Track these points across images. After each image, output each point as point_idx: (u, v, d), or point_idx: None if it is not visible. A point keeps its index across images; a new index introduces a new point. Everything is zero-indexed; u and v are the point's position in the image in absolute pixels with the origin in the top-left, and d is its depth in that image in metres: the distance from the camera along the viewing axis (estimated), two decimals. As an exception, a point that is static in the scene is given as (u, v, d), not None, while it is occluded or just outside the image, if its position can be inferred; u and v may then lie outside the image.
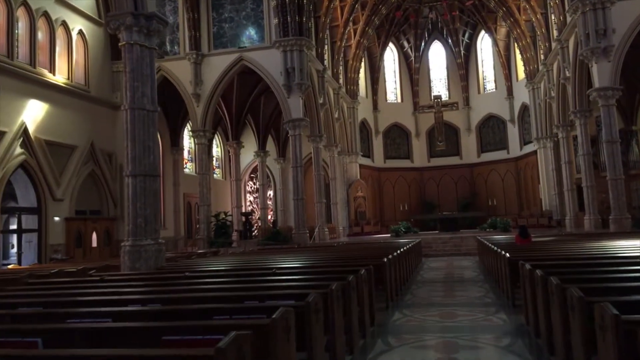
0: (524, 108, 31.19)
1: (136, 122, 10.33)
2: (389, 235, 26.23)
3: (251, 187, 33.82)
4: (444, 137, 30.26)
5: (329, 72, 27.53)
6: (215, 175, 32.08)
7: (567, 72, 22.09)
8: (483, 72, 35.36)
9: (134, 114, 10.33)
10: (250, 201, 33.99)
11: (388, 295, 8.33)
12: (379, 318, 7.43)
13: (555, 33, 23.65)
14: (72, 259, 18.50)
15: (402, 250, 11.66)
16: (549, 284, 4.85)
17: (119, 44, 10.97)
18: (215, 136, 31.81)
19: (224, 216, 22.09)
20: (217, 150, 32.83)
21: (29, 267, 14.39)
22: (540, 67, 27.13)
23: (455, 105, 30.20)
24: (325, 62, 26.30)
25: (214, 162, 32.38)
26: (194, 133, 22.32)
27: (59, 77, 19.71)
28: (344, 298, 5.31)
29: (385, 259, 8.44)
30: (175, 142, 26.78)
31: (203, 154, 22.40)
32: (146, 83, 10.46)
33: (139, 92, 10.37)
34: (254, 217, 33.10)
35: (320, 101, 24.78)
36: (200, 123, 22.13)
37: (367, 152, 33.56)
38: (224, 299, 5.03)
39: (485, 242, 13.86)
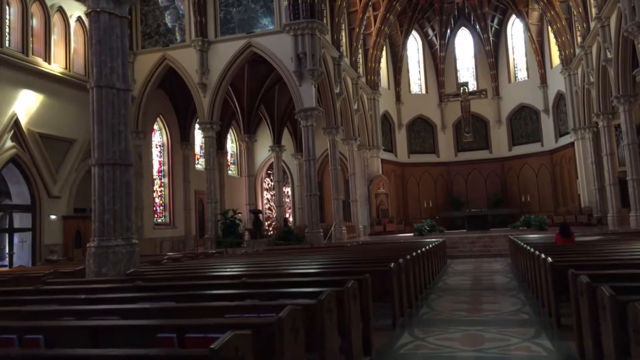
0: (559, 97, 28.87)
1: (104, 102, 8.85)
2: (412, 234, 24.35)
3: (268, 184, 32.33)
4: (472, 128, 28.15)
5: (347, 61, 25.81)
6: (229, 172, 30.69)
7: (608, 53, 19.92)
8: (514, 59, 33.08)
9: (101, 93, 8.85)
10: (267, 199, 32.50)
11: (395, 310, 6.60)
12: (381, 341, 5.74)
13: (594, 11, 21.43)
14: (71, 260, 17.28)
15: (419, 252, 9.90)
16: (630, 310, 3.09)
17: (85, 12, 9.48)
18: (230, 131, 30.44)
19: (232, 214, 20.59)
20: (232, 145, 31.44)
21: (16, 270, 13.13)
22: (577, 51, 24.90)
23: (484, 92, 28.03)
24: (342, 50, 24.58)
25: (229, 157, 30.99)
26: (201, 125, 20.88)
27: (55, 67, 18.53)
28: (313, 325, 3.67)
29: (393, 264, 6.72)
30: (186, 137, 25.45)
31: (211, 147, 20.95)
32: (116, 57, 8.97)
33: (107, 67, 8.88)
34: (264, 215, 31.68)
35: (337, 91, 23.08)
36: (207, 115, 20.69)
37: (390, 147, 31.71)
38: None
39: (519, 242, 11.96)
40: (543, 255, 7.11)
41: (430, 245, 12.59)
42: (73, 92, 19.07)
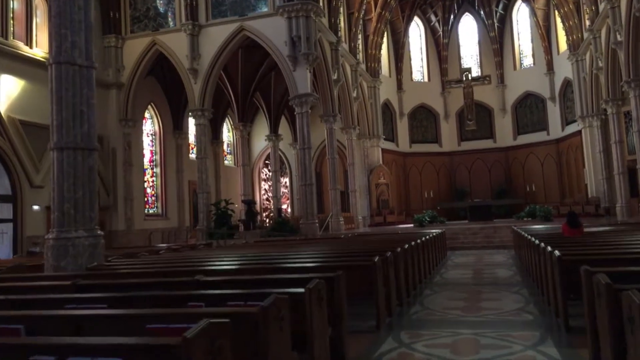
0: (566, 84, 27.86)
1: (63, 80, 8.02)
2: (413, 225, 23.50)
3: (266, 175, 31.51)
4: (475, 116, 27.15)
5: (345, 46, 24.88)
6: (226, 162, 29.89)
7: (618, 36, 18.93)
8: (519, 46, 32.01)
9: (61, 70, 8.03)
10: (265, 189, 31.72)
11: (380, 310, 5.77)
12: (358, 349, 4.92)
13: (604, -9, 20.41)
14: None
15: (414, 243, 9.07)
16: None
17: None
18: (227, 120, 29.63)
19: (225, 205, 19.80)
20: (228, 135, 30.61)
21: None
22: (586, 35, 23.87)
23: (488, 78, 27.03)
24: (340, 35, 23.65)
25: (225, 147, 30.17)
26: (192, 113, 20.05)
27: (38, 51, 17.69)
28: (253, 339, 2.85)
29: (377, 258, 5.89)
30: (178, 125, 24.62)
31: (202, 135, 20.14)
32: (78, 31, 8.13)
33: (68, 41, 8.05)
34: (262, 206, 30.92)
35: (334, 77, 22.19)
36: (198, 101, 19.85)
37: (391, 136, 30.79)
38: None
39: (523, 233, 11.10)
40: (549, 248, 6.27)
41: (428, 237, 11.76)
42: (57, 77, 18.23)
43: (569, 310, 5.58)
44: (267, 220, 28.69)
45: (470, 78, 26.42)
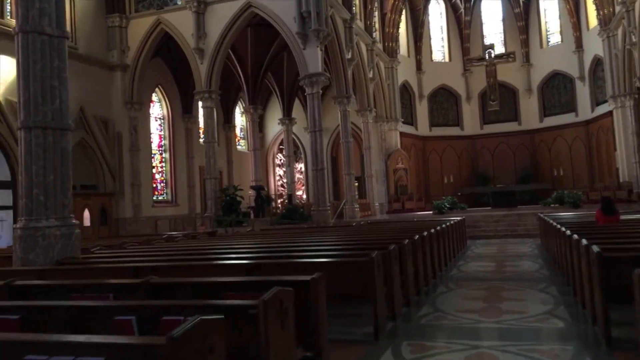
0: (597, 62, 26.17)
1: (30, 51, 7.18)
2: (432, 212, 22.39)
3: (280, 160, 30.64)
4: (498, 96, 25.75)
5: (360, 24, 23.69)
6: (239, 147, 29.09)
7: (656, 7, 17.40)
8: (546, 22, 30.28)
9: (27, 39, 7.18)
10: (279, 175, 30.88)
11: (378, 316, 4.81)
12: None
13: (639, -41, 18.81)
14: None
15: (428, 233, 8.07)
16: None
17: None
18: (240, 103, 28.74)
19: (233, 191, 18.99)
20: (241, 119, 29.75)
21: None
22: (618, 9, 22.22)
23: (512, 55, 25.50)
24: (355, 12, 22.46)
25: (238, 131, 29.36)
26: (199, 95, 19.19)
27: (37, 31, 16.95)
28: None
29: (376, 253, 4.91)
30: (188, 109, 23.82)
31: (209, 118, 19.28)
32: (47, -4, 7.25)
33: (35, 8, 7.18)
34: (277, 193, 30.11)
35: (348, 56, 21.06)
36: (205, 83, 18.97)
37: (410, 119, 29.56)
38: None
39: (551, 222, 9.97)
40: (585, 242, 5.21)
41: (446, 225, 10.74)
42: (58, 59, 17.52)
43: (611, 316, 4.55)
44: (281, 207, 27.87)
45: (493, 55, 24.96)
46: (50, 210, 7.16)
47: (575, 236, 6.00)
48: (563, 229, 7.55)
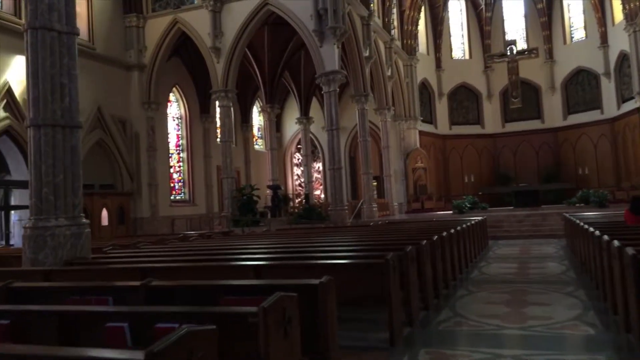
0: (622, 57, 25.43)
1: (40, 48, 7.06)
2: (452, 212, 21.94)
3: (298, 160, 30.44)
4: (520, 93, 25.15)
5: (378, 21, 23.36)
6: (256, 147, 28.98)
7: (687, -2, 16.72)
8: (570, 18, 29.53)
9: (37, 36, 7.06)
10: (297, 175, 30.69)
11: (393, 324, 4.52)
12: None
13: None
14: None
15: (445, 234, 7.75)
16: None
17: None
18: (257, 103, 28.61)
19: (250, 190, 18.83)
20: (259, 119, 29.62)
21: None
22: (646, 2, 21.51)
23: (535, 51, 24.85)
24: (372, 9, 22.13)
25: (256, 131, 29.25)
26: (215, 94, 19.08)
27: (55, 32, 17.01)
28: None
29: (391, 255, 4.63)
30: (206, 109, 23.75)
31: (226, 118, 19.15)
32: (55, -9, 7.13)
33: (44, 4, 7.06)
34: (295, 192, 29.92)
35: (366, 54, 20.75)
36: (221, 82, 18.85)
37: (429, 118, 29.12)
38: None
39: (578, 221, 9.54)
40: (617, 243, 4.85)
41: (466, 225, 10.39)
42: (76, 59, 17.56)
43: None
44: (299, 207, 27.67)
45: (515, 51, 24.38)
46: (60, 210, 7.03)
47: (606, 237, 5.64)
48: (592, 229, 7.16)
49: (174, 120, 22.98)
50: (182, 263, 5.58)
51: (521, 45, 29.30)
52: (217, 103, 20.60)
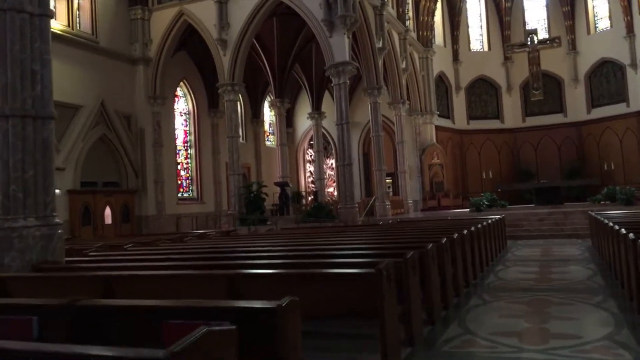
0: (651, 47, 24.18)
1: (8, 31, 6.43)
2: (469, 210, 21.01)
3: (311, 156, 29.72)
4: (542, 86, 24.06)
5: (392, 12, 22.50)
6: (268, 143, 28.34)
7: None
8: (594, 7, 28.25)
9: (5, 18, 6.43)
10: (310, 172, 29.97)
11: (386, 347, 3.76)
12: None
13: None
14: (79, 238, 15.55)
15: (456, 235, 6.96)
16: None
17: None
18: (268, 98, 27.94)
19: (257, 187, 18.18)
20: (270, 115, 28.96)
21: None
22: (677, -13, 20.30)
23: (557, 40, 23.73)
24: (386, -2, 21.27)
25: (267, 127, 28.60)
26: (221, 88, 18.44)
27: (57, 24, 16.53)
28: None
29: (385, 264, 3.87)
30: (214, 104, 23.16)
31: (232, 112, 18.52)
32: (25, -31, 6.49)
33: (13, -17, 6.43)
34: (308, 190, 29.22)
35: (379, 45, 19.92)
36: (228, 75, 18.21)
37: (446, 112, 28.16)
38: None
39: (605, 221, 8.65)
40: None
41: (482, 224, 9.56)
42: (78, 52, 17.11)
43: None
44: (310, 205, 26.98)
45: (536, 41, 23.28)
46: (30, 209, 6.40)
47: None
48: (623, 230, 6.30)
49: (181, 115, 22.43)
50: (143, 271, 4.89)
51: (542, 35, 28.11)
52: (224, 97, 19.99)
